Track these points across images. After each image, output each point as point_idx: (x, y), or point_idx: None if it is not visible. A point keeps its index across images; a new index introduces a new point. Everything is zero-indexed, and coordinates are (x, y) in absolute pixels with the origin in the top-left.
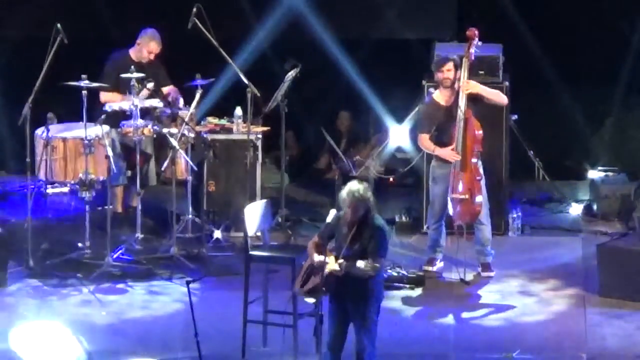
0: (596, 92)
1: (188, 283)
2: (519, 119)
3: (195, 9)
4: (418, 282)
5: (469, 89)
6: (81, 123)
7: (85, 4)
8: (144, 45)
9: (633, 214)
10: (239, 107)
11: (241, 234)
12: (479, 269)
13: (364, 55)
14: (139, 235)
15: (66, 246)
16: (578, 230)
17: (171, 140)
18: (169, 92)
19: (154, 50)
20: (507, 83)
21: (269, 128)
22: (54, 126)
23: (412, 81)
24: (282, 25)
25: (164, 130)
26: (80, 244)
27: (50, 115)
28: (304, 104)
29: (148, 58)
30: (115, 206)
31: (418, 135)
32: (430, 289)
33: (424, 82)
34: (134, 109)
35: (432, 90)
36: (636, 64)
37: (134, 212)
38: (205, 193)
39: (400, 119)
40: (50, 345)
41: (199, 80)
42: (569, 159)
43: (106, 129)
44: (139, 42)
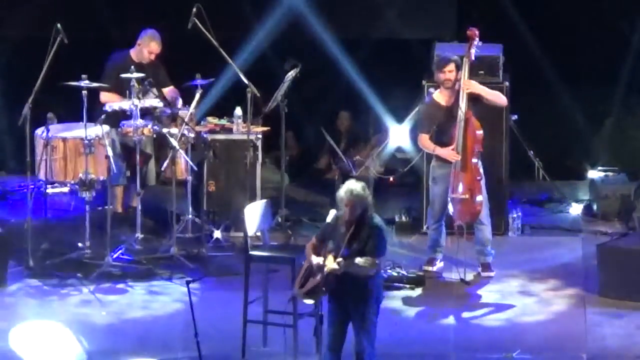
0: (596, 92)
1: (188, 283)
2: (519, 119)
3: (195, 9)
4: (418, 282)
5: (469, 88)
6: (81, 123)
7: (85, 4)
8: (144, 46)
9: (633, 214)
10: (239, 107)
11: (241, 234)
12: (479, 269)
13: (364, 55)
14: (139, 235)
15: (66, 246)
16: (578, 230)
17: (171, 140)
18: (169, 93)
19: (154, 50)
20: (507, 83)
21: (269, 128)
22: (54, 126)
23: (412, 81)
24: (282, 25)
25: (164, 130)
26: (80, 244)
27: (50, 115)
28: (304, 104)
29: (149, 58)
30: (115, 206)
31: (418, 135)
32: (430, 289)
33: (424, 82)
34: (134, 109)
35: (432, 90)
36: (636, 64)
37: (134, 212)
38: (205, 193)
39: (400, 119)
40: (50, 345)
41: (198, 80)
42: (569, 159)
43: (106, 129)
44: (139, 43)
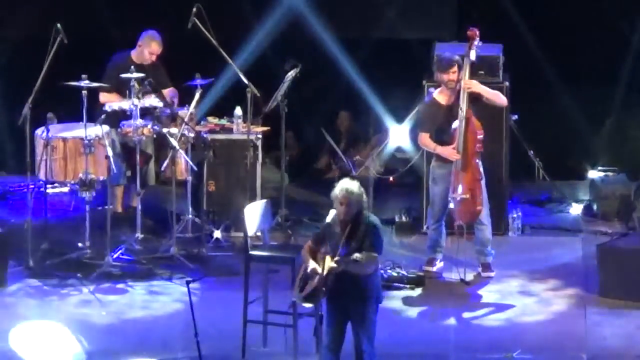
0: (596, 92)
1: (188, 283)
2: (519, 119)
3: (195, 9)
4: (418, 282)
5: (470, 87)
6: (81, 123)
7: (85, 4)
8: (145, 47)
9: (633, 214)
10: (239, 107)
11: (241, 234)
12: (479, 269)
13: (364, 55)
14: (139, 235)
15: (66, 246)
16: (578, 230)
17: (171, 140)
18: (168, 93)
19: (155, 51)
20: (507, 83)
21: (269, 128)
22: (54, 126)
23: (412, 81)
24: (282, 25)
25: (164, 130)
26: (80, 244)
27: (50, 115)
28: (304, 104)
29: (150, 59)
30: (115, 206)
31: (419, 134)
32: (430, 289)
33: (424, 82)
34: (134, 109)
35: (432, 90)
36: (636, 64)
37: (134, 212)
38: (205, 193)
39: (400, 119)
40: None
41: (198, 80)
42: (569, 159)
43: (106, 129)
44: (140, 44)
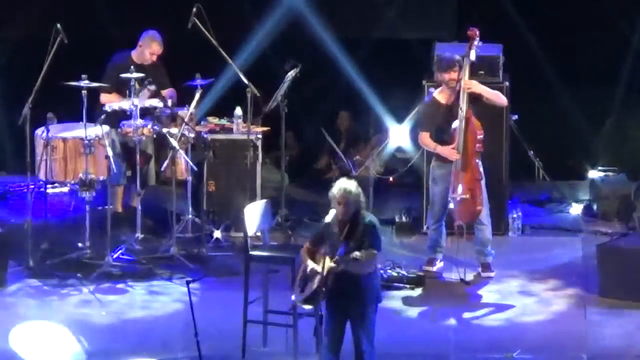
0: (596, 92)
1: (188, 283)
2: (519, 119)
3: (195, 9)
4: (418, 282)
5: (470, 88)
6: (81, 123)
7: (85, 4)
8: (145, 47)
9: (633, 214)
10: (239, 107)
11: (241, 234)
12: (479, 269)
13: (364, 55)
14: (139, 235)
15: (66, 246)
16: (578, 230)
17: (171, 140)
18: (167, 93)
19: (155, 51)
20: (507, 83)
21: (269, 128)
22: (54, 126)
23: (412, 81)
24: (282, 25)
25: (164, 130)
26: (80, 244)
27: (50, 115)
28: (304, 104)
29: (150, 59)
30: (115, 206)
31: (419, 133)
32: (430, 289)
33: (424, 82)
34: (134, 109)
35: (432, 89)
36: (636, 64)
37: (134, 212)
38: (205, 193)
39: (400, 119)
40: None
41: (198, 80)
42: (569, 159)
43: (106, 129)
44: (140, 44)
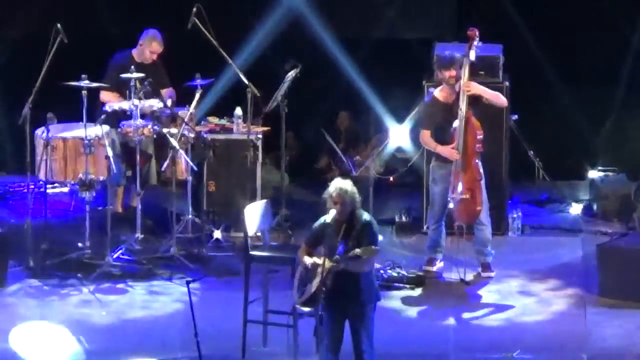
0: (596, 92)
1: (188, 283)
2: (519, 119)
3: (195, 9)
4: (418, 282)
5: (470, 90)
6: (81, 123)
7: (86, 3)
8: (146, 46)
9: (633, 214)
10: (239, 107)
11: (241, 234)
12: (479, 269)
13: (364, 55)
14: (139, 235)
15: (66, 246)
16: (578, 230)
17: (171, 140)
18: (166, 93)
19: (156, 50)
20: (507, 83)
21: (269, 128)
22: (54, 126)
23: (412, 81)
24: (282, 25)
25: (164, 130)
26: (80, 244)
27: (50, 115)
28: (304, 104)
29: (151, 58)
30: (115, 206)
31: (420, 131)
32: (430, 289)
33: (424, 82)
34: (134, 109)
35: (432, 89)
36: (636, 64)
37: (134, 212)
38: (205, 193)
39: (400, 119)
40: (50, 345)
41: (198, 80)
42: (569, 159)
43: (106, 129)
44: (141, 43)
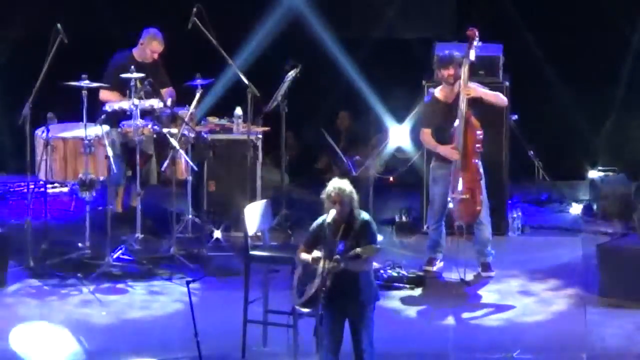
0: (596, 92)
1: (188, 283)
2: (519, 119)
3: (195, 9)
4: (418, 282)
5: (470, 93)
6: (81, 123)
7: (85, 3)
8: (146, 45)
9: (633, 214)
10: (239, 107)
11: (241, 234)
12: (479, 269)
13: (364, 55)
14: (139, 235)
15: (66, 246)
16: (578, 230)
17: (171, 140)
18: (166, 93)
19: (156, 50)
20: (507, 83)
21: (269, 128)
22: (54, 126)
23: (412, 81)
24: (282, 25)
25: (164, 130)
26: (80, 244)
27: (50, 115)
28: (304, 104)
29: (151, 58)
30: (115, 206)
31: (420, 130)
32: (430, 289)
33: (424, 82)
34: (134, 109)
35: (431, 89)
36: (636, 64)
37: (134, 212)
38: (205, 193)
39: (400, 119)
40: (50, 345)
41: (199, 80)
42: (569, 159)
43: (106, 129)
44: (141, 42)
